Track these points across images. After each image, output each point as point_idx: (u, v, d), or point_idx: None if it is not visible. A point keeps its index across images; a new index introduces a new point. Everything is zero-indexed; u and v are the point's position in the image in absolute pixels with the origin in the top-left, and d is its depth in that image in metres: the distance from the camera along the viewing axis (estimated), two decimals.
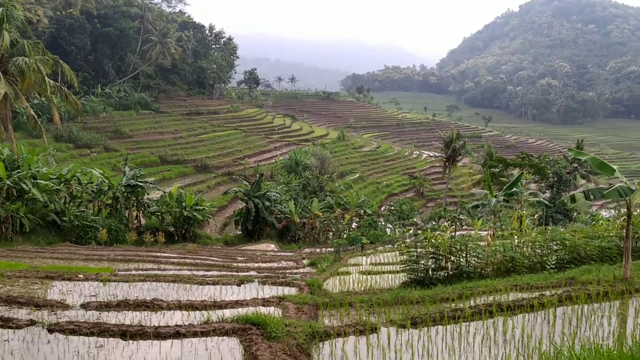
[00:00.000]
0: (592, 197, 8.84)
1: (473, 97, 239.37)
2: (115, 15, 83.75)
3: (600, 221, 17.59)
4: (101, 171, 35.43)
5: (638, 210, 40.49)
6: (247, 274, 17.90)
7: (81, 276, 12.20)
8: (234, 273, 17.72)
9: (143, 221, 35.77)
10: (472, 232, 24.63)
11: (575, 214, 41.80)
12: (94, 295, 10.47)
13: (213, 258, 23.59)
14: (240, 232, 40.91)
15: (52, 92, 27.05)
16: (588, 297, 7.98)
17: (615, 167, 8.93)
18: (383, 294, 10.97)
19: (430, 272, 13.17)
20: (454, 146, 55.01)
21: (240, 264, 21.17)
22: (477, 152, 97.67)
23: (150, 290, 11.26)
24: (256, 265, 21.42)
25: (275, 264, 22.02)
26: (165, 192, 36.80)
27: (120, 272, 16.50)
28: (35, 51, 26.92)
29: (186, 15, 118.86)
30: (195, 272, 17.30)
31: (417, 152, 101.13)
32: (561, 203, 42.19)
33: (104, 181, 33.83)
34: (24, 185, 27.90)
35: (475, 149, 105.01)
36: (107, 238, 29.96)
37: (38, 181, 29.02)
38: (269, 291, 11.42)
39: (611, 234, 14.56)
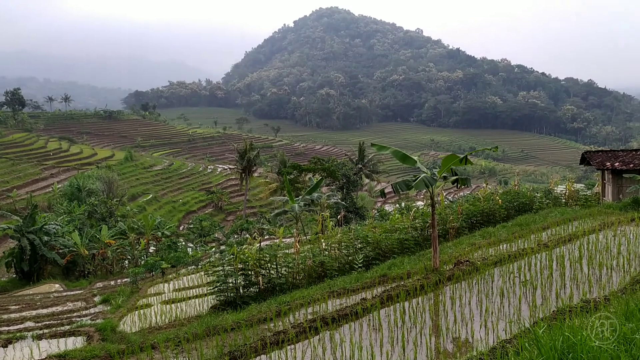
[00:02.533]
0: (400, 190, 8.73)
1: (261, 109, 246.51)
2: None
3: (396, 214, 18.55)
4: None
5: (417, 203, 44.96)
6: (22, 326, 14.81)
7: None
8: (4, 328, 14.48)
9: None
10: (277, 240, 24.34)
11: (365, 211, 44.85)
12: None
13: None
14: (15, 275, 34.87)
15: None
16: (407, 294, 7.73)
17: (416, 158, 8.96)
18: (192, 325, 9.58)
19: (241, 290, 12.11)
20: (249, 157, 55.09)
21: (13, 315, 17.58)
22: (271, 162, 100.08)
23: None
24: (34, 313, 18.00)
25: (59, 308, 18.82)
26: None
27: None
28: None
29: None
30: None
31: (212, 167, 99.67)
32: (352, 202, 44.90)
33: None
34: None
35: (268, 159, 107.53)
36: None
37: None
38: (46, 347, 9.15)
39: (406, 226, 15.23)
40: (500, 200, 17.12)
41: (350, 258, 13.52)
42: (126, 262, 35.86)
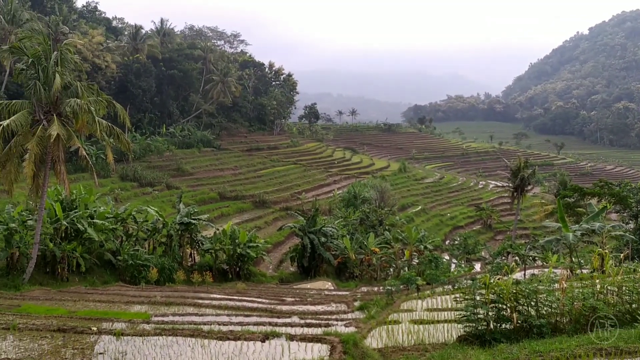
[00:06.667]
0: None
1: (543, 124, 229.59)
2: (180, 58, 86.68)
3: None
4: (156, 209, 35.31)
5: None
6: (289, 320, 16.38)
7: (94, 329, 11.13)
8: (274, 319, 16.27)
9: (197, 259, 35.21)
10: (546, 270, 21.96)
11: None
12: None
13: (259, 300, 22.27)
14: (296, 269, 39.57)
15: (105, 132, 26.99)
16: None
17: None
18: (432, 355, 9.10)
19: (491, 325, 11.07)
20: (522, 175, 51.50)
21: (284, 307, 19.66)
22: (549, 181, 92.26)
23: (163, 347, 9.97)
24: (303, 308, 19.83)
25: (323, 307, 20.32)
26: (218, 229, 36.20)
27: (155, 318, 15.49)
28: (89, 92, 27.06)
29: (247, 55, 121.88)
30: (232, 319, 16.00)
31: (483, 182, 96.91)
32: None
33: (159, 219, 33.69)
34: (79, 225, 27.98)
35: (547, 178, 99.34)
36: (160, 277, 29.34)
37: (94, 221, 29.09)
38: (295, 349, 9.80)
39: None
40: None
41: (633, 306, 11.21)
42: (391, 269, 37.25)
